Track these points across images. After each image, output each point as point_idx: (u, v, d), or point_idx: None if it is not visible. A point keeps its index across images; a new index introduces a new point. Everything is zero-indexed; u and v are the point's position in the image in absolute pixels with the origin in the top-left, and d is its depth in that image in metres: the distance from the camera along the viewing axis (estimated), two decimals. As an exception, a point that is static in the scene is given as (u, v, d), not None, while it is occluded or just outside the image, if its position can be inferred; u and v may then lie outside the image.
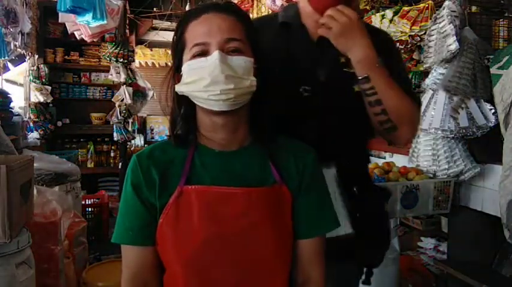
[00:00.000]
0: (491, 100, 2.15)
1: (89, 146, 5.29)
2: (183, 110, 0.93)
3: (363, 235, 1.14)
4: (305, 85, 1.13)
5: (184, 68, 0.88)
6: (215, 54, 0.83)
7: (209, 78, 0.82)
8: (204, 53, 0.86)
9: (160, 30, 6.58)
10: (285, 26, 1.18)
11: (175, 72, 0.92)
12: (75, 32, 4.03)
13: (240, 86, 0.84)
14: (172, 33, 0.96)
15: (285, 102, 1.10)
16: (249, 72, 0.87)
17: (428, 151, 2.34)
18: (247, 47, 0.89)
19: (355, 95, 1.11)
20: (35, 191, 1.95)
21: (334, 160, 1.14)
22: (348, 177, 1.14)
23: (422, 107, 2.23)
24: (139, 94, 5.12)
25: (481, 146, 2.29)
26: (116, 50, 4.77)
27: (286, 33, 1.17)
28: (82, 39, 4.21)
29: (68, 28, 4.05)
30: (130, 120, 5.30)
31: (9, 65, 4.46)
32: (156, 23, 6.54)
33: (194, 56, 0.86)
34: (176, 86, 0.90)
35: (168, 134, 0.96)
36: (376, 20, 2.85)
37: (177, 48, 0.91)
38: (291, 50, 1.15)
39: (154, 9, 6.12)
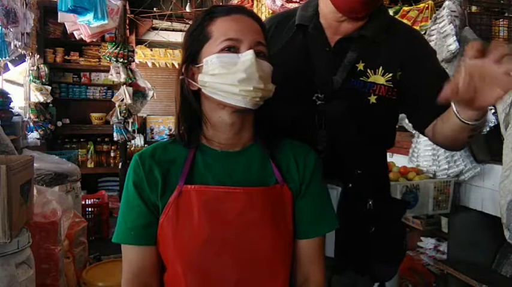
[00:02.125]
0: (491, 100, 2.15)
1: (89, 146, 5.29)
2: (192, 105, 0.91)
3: (377, 250, 1.12)
4: (318, 93, 1.09)
5: (212, 59, 0.86)
6: (250, 53, 0.84)
7: (245, 74, 0.83)
8: (234, 49, 0.86)
9: (160, 30, 6.58)
10: (301, 28, 1.14)
11: (189, 63, 0.91)
12: (75, 32, 4.03)
13: (267, 88, 0.86)
14: (172, 33, 0.96)
15: (297, 110, 1.08)
16: (270, 78, 0.89)
17: (428, 151, 2.35)
18: (267, 53, 0.90)
19: (371, 106, 1.07)
20: (35, 191, 1.95)
21: (345, 174, 1.09)
22: (363, 190, 1.11)
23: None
24: (139, 94, 5.12)
25: (481, 146, 2.29)
26: (116, 50, 4.77)
27: (303, 34, 1.13)
28: (82, 39, 4.20)
29: (67, 28, 4.04)
30: (131, 120, 5.28)
31: (9, 65, 4.46)
32: (156, 23, 6.54)
33: (222, 50, 0.86)
34: (200, 75, 0.88)
35: (168, 133, 0.96)
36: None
37: (197, 38, 0.90)
38: (306, 53, 1.11)
39: (154, 9, 6.11)
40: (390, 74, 1.09)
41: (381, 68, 1.09)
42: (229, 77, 0.84)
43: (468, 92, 0.74)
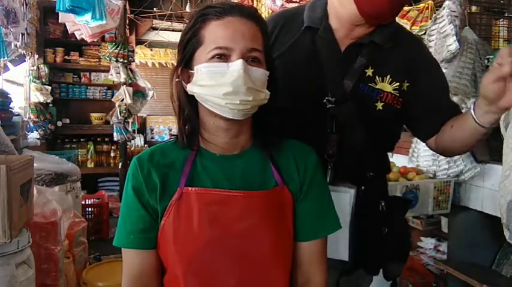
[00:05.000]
0: (491, 100, 2.15)
1: (89, 146, 5.29)
2: (187, 109, 0.91)
3: (390, 249, 1.13)
4: (329, 96, 1.08)
5: (201, 68, 0.85)
6: (239, 63, 0.81)
7: (231, 87, 0.81)
8: (224, 58, 0.83)
9: (160, 30, 6.58)
10: (310, 29, 1.12)
11: (183, 66, 0.90)
12: (76, 32, 4.03)
13: (257, 99, 0.84)
14: (172, 33, 0.95)
15: (306, 112, 1.08)
16: (264, 85, 0.86)
17: (428, 150, 2.34)
18: (263, 57, 0.88)
19: (377, 112, 1.09)
20: (35, 191, 1.95)
21: (357, 176, 1.10)
22: (375, 192, 1.12)
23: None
24: (139, 94, 5.12)
25: (481, 146, 2.29)
26: (116, 50, 4.77)
27: (311, 35, 1.12)
28: (82, 39, 4.20)
29: (68, 28, 4.04)
30: (130, 120, 5.29)
31: (9, 65, 4.45)
32: (156, 23, 6.54)
33: (212, 58, 0.84)
34: (188, 85, 0.88)
35: (170, 134, 0.95)
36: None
37: (190, 42, 0.88)
38: (315, 56, 1.10)
39: (154, 9, 6.12)
40: (397, 84, 1.10)
41: (388, 77, 1.10)
42: (216, 89, 0.82)
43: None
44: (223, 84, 0.82)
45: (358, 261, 1.11)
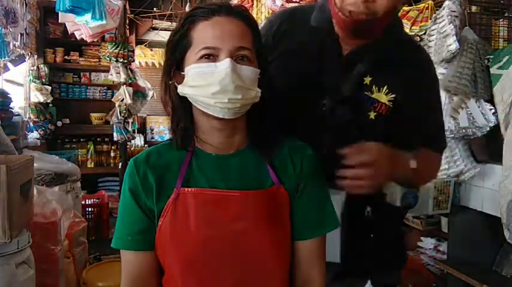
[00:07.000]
0: (491, 100, 2.15)
1: (89, 146, 5.29)
2: (181, 111, 0.91)
3: (378, 256, 1.12)
4: (327, 99, 1.08)
5: (190, 70, 0.85)
6: (226, 62, 0.82)
7: (219, 86, 0.81)
8: (212, 57, 0.84)
9: (160, 30, 6.58)
10: (316, 30, 1.12)
11: (174, 68, 0.90)
12: (75, 32, 4.03)
13: (247, 97, 0.84)
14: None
15: (303, 113, 1.08)
16: (254, 83, 0.86)
17: (428, 151, 2.34)
18: (254, 56, 0.87)
19: (369, 121, 1.08)
20: (35, 191, 1.95)
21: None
22: (361, 197, 1.09)
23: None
24: (139, 94, 5.12)
25: (481, 146, 2.29)
26: (116, 50, 4.77)
27: (316, 36, 1.11)
28: (82, 39, 4.21)
29: (68, 28, 4.05)
30: (130, 120, 5.29)
31: (9, 65, 4.45)
32: (156, 23, 6.54)
33: (201, 58, 0.84)
34: (179, 87, 0.88)
35: (169, 133, 0.95)
36: (376, 20, 2.84)
37: (180, 44, 0.88)
38: (318, 58, 1.10)
39: (154, 9, 6.11)
40: (393, 96, 1.09)
41: (385, 87, 1.09)
42: (205, 89, 0.83)
43: None
44: (211, 84, 0.82)
45: (348, 265, 1.10)
